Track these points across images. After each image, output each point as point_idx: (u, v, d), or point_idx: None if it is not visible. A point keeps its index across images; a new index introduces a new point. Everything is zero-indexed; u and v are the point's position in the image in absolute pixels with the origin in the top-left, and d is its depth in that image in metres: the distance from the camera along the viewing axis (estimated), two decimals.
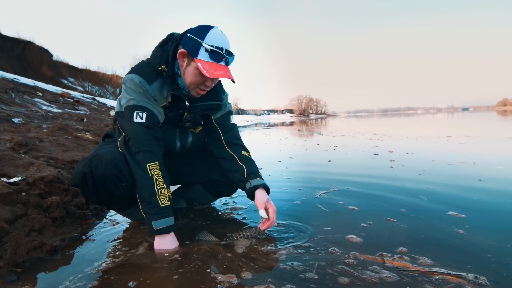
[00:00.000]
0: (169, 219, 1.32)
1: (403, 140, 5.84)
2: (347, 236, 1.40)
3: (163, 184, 1.33)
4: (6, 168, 1.72)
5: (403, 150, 4.32)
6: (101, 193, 1.32)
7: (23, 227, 1.32)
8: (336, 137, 7.07)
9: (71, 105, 6.37)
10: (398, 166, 3.11)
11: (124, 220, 1.73)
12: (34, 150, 2.24)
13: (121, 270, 1.15)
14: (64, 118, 4.63)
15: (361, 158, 3.76)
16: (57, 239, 1.41)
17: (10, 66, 13.27)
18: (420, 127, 10.26)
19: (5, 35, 15.04)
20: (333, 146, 5.25)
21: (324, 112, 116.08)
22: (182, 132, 1.60)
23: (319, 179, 2.67)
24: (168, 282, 1.06)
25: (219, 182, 1.74)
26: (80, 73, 20.08)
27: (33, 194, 1.56)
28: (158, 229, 1.29)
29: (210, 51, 1.30)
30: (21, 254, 1.20)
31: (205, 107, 1.57)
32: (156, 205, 1.29)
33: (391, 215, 1.66)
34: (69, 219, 1.62)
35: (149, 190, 1.30)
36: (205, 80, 1.38)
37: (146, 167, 1.31)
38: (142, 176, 1.31)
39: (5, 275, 1.08)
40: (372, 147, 4.79)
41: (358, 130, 9.46)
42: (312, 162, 3.76)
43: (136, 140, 1.32)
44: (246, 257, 1.22)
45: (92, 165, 1.27)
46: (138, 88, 1.35)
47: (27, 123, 3.44)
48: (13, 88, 5.52)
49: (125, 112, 1.36)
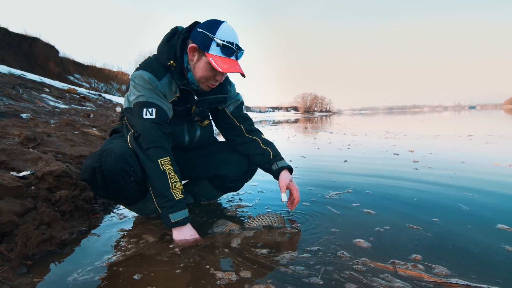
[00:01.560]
0: (185, 211, 1.34)
1: (421, 139, 5.47)
2: (355, 240, 1.32)
3: (176, 178, 1.34)
4: (15, 162, 1.74)
5: (425, 150, 4.02)
6: (110, 188, 1.33)
7: (33, 221, 1.33)
8: (347, 136, 6.78)
9: (77, 101, 6.42)
10: (423, 168, 2.85)
11: (131, 215, 1.74)
12: (43, 145, 2.26)
13: (127, 263, 1.17)
14: (71, 114, 4.66)
15: (380, 158, 3.50)
16: (65, 232, 1.42)
17: (17, 62, 13.39)
18: (434, 125, 9.94)
19: (12, 32, 15.17)
20: (346, 144, 5.00)
21: (329, 110, 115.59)
22: (190, 126, 1.61)
23: (334, 180, 2.50)
24: (172, 276, 1.06)
25: (225, 177, 1.74)
26: (86, 69, 20.19)
27: (42, 188, 1.58)
28: (175, 221, 1.31)
29: (222, 45, 1.30)
30: (31, 247, 1.21)
31: (212, 100, 1.58)
32: (171, 198, 1.31)
33: (416, 222, 1.50)
34: (77, 213, 1.63)
35: (164, 184, 1.31)
36: (216, 75, 1.39)
37: (158, 162, 1.32)
38: (155, 170, 1.32)
39: (15, 267, 1.10)
40: (390, 147, 4.50)
41: (369, 128, 9.15)
42: (326, 161, 3.51)
43: (147, 137, 1.33)
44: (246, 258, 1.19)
45: (101, 159, 1.28)
46: (148, 84, 1.36)
47: (35, 118, 3.46)
48: (21, 84, 5.57)
49: (134, 109, 1.36)
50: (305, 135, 7.86)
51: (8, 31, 14.97)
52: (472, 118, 14.61)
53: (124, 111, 1.43)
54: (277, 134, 8.06)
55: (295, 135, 7.76)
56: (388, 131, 7.73)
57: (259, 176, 2.74)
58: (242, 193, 2.15)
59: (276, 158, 1.62)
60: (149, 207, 1.65)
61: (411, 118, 18.53)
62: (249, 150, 1.67)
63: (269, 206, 1.84)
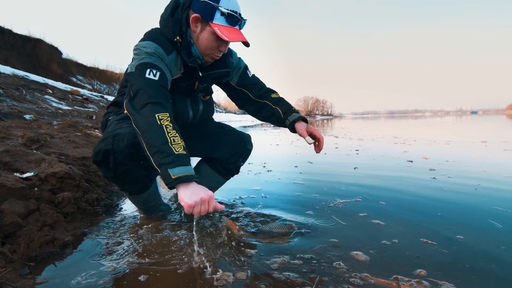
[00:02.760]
0: (188, 167, 1.10)
1: (433, 145, 5.22)
2: (353, 252, 1.25)
3: (175, 133, 1.15)
4: (18, 164, 1.74)
5: (440, 157, 3.80)
6: (119, 170, 1.34)
7: (36, 222, 1.33)
8: (354, 140, 6.56)
9: (80, 103, 6.44)
10: (442, 177, 2.63)
11: (134, 216, 1.74)
12: (46, 146, 2.27)
13: (131, 265, 1.16)
14: (74, 115, 4.68)
15: (393, 165, 3.31)
16: (68, 234, 1.43)
17: (20, 63, 13.46)
18: (442, 130, 9.68)
19: (16, 33, 15.25)
20: (354, 150, 4.79)
21: (331, 113, 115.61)
22: (193, 101, 1.58)
23: (343, 188, 2.34)
24: (176, 277, 1.06)
25: (220, 159, 1.74)
26: (89, 71, 20.28)
27: (45, 190, 1.58)
28: (176, 176, 1.06)
29: (227, 14, 1.28)
30: (34, 248, 1.21)
31: (215, 75, 1.56)
32: (171, 153, 1.09)
33: (433, 237, 1.37)
34: (80, 215, 1.63)
35: (161, 138, 1.11)
36: (220, 45, 1.36)
37: (155, 117, 1.15)
38: (150, 124, 1.14)
39: (18, 269, 1.10)
40: (401, 153, 4.28)
41: (374, 133, 8.86)
42: (334, 167, 3.32)
43: (145, 92, 1.21)
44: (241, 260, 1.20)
45: (114, 142, 1.29)
46: (154, 52, 1.30)
47: (38, 119, 3.48)
48: (24, 85, 5.61)
49: (137, 70, 1.27)
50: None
51: (12, 32, 15.06)
52: (477, 123, 14.36)
53: (127, 76, 1.36)
54: (280, 138, 7.88)
55: (299, 139, 7.45)
56: (396, 136, 7.49)
57: (261, 180, 2.74)
58: (244, 197, 2.15)
59: (286, 113, 1.61)
60: (153, 201, 1.66)
61: (415, 122, 18.35)
62: (263, 114, 1.69)
63: (270, 212, 1.84)
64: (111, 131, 1.34)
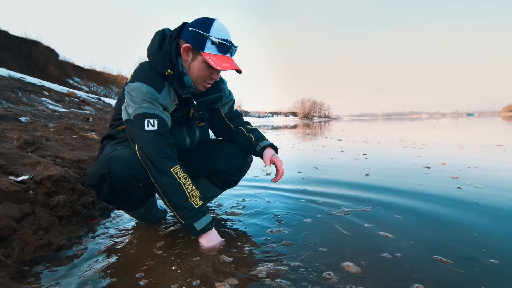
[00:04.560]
0: (207, 216, 1.34)
1: (446, 148, 4.85)
2: (344, 263, 1.17)
3: (192, 186, 1.33)
4: (13, 167, 1.73)
5: (459, 162, 3.46)
6: (117, 193, 1.30)
7: (31, 226, 1.33)
8: (359, 143, 6.24)
9: (76, 105, 6.41)
10: (468, 187, 2.31)
11: (129, 220, 1.74)
12: (41, 149, 2.26)
13: (127, 269, 1.16)
14: (70, 118, 4.66)
15: (409, 173, 2.98)
16: (63, 238, 1.42)
17: (17, 65, 13.40)
18: (447, 132, 9.34)
19: (12, 35, 15.19)
20: (361, 154, 4.48)
21: (328, 115, 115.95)
22: (190, 129, 1.60)
23: (352, 196, 2.14)
24: (173, 280, 1.06)
25: (222, 172, 1.74)
26: (86, 73, 20.22)
27: (40, 193, 1.58)
28: (201, 228, 1.31)
29: (218, 43, 1.30)
30: (28, 252, 1.21)
31: (209, 101, 1.59)
32: (192, 208, 1.30)
33: (449, 256, 1.21)
34: (75, 218, 1.63)
35: (181, 196, 1.30)
36: (212, 73, 1.38)
37: (171, 172, 1.30)
38: (169, 184, 1.29)
39: (12, 273, 1.09)
40: (415, 157, 3.95)
41: (378, 135, 8.49)
42: (342, 174, 3.04)
43: (152, 149, 1.29)
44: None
45: (110, 165, 1.26)
46: (146, 97, 1.32)
47: (34, 122, 3.46)
48: (20, 87, 5.58)
49: (135, 121, 1.32)
50: (311, 142, 7.35)
51: (9, 34, 15.00)
52: (479, 125, 14.06)
53: (124, 123, 1.39)
54: (281, 141, 7.68)
55: (301, 142, 7.25)
56: (402, 139, 7.10)
57: (261, 186, 2.73)
58: (241, 200, 2.15)
59: (258, 140, 1.67)
60: (150, 213, 1.65)
61: (414, 124, 18.22)
62: (236, 140, 1.73)
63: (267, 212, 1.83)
64: (106, 154, 1.32)
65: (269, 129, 15.68)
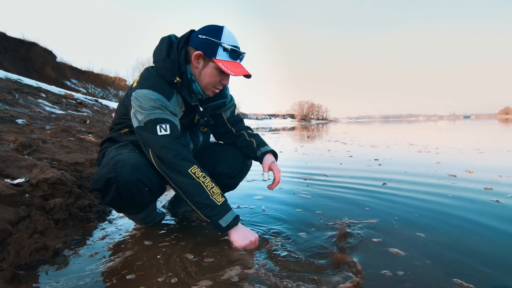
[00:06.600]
0: (231, 212, 1.36)
1: (465, 154, 4.46)
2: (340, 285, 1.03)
3: (211, 183, 1.35)
4: (9, 169, 1.72)
5: (486, 170, 3.07)
6: (123, 198, 1.29)
7: (26, 229, 1.32)
8: (366, 147, 5.92)
9: (74, 107, 6.39)
10: (508, 200, 2.00)
11: (126, 223, 1.73)
12: (38, 152, 2.25)
13: (123, 272, 1.15)
14: (67, 120, 4.65)
15: (433, 180, 2.66)
16: (59, 241, 1.41)
17: (14, 67, 13.35)
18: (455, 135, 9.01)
19: (10, 36, 15.14)
20: (372, 159, 4.13)
21: (326, 118, 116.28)
22: (193, 134, 1.62)
23: (367, 207, 1.92)
24: (167, 283, 1.05)
25: (222, 174, 1.73)
26: (83, 75, 20.17)
27: (37, 196, 1.57)
28: (227, 225, 1.33)
29: (230, 50, 1.33)
30: (24, 256, 1.20)
31: (214, 106, 1.61)
32: (214, 205, 1.32)
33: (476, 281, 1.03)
34: (72, 222, 1.62)
35: (203, 194, 1.31)
36: (222, 79, 1.41)
37: (189, 172, 1.31)
38: (189, 183, 1.30)
39: (7, 277, 1.08)
40: (434, 164, 3.59)
41: (383, 139, 8.10)
42: (354, 180, 2.80)
43: (169, 152, 1.30)
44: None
45: (117, 170, 1.25)
46: (156, 104, 1.32)
47: (31, 124, 3.45)
48: (17, 89, 5.55)
49: (147, 127, 1.31)
50: (315, 145, 6.97)
51: (6, 36, 14.95)
52: (481, 127, 13.76)
53: (135, 130, 1.37)
54: (282, 144, 7.44)
55: (303, 146, 6.90)
56: (411, 142, 6.69)
57: (263, 193, 2.73)
58: (243, 206, 2.14)
59: (259, 145, 1.69)
60: (150, 216, 1.65)
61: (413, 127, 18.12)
62: (237, 144, 1.75)
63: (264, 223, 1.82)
64: (112, 158, 1.30)
65: (267, 131, 15.65)
